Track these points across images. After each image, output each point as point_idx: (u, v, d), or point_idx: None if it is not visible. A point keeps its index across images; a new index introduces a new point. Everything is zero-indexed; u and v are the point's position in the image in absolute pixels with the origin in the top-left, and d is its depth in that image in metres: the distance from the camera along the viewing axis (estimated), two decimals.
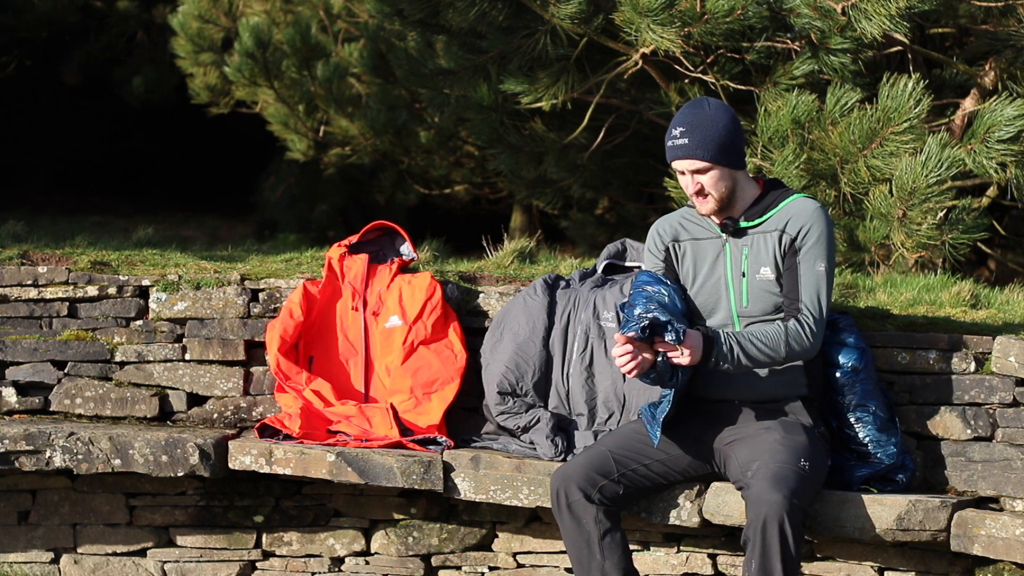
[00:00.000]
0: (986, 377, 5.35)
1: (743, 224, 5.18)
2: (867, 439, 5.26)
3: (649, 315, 5.02)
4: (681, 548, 5.60)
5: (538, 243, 7.48)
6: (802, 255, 5.11)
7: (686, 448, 5.22)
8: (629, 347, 4.98)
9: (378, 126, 10.35)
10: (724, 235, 5.20)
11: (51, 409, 6.01)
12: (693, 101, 5.20)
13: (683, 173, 5.15)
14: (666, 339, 4.98)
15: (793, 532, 4.85)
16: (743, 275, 5.18)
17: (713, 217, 5.21)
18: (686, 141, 5.09)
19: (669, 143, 5.14)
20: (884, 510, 5.14)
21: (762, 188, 5.23)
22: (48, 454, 5.66)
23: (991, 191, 7.61)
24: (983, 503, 5.33)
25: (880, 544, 5.32)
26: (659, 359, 5.02)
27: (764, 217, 5.18)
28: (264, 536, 5.86)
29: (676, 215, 5.34)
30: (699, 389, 5.24)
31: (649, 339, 5.00)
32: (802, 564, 5.30)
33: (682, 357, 4.99)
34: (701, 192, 5.14)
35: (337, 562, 5.84)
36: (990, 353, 5.36)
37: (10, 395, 6.01)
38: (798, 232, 5.12)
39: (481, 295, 5.94)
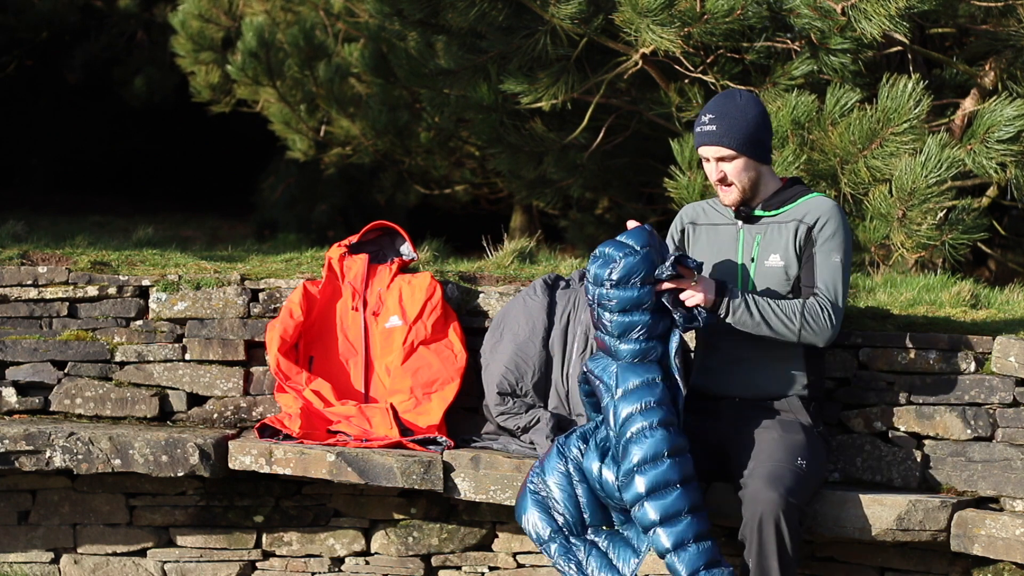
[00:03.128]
0: (986, 377, 5.35)
1: (757, 212, 5.20)
2: None
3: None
4: None
5: (538, 243, 7.48)
6: (818, 247, 5.12)
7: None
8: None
9: (379, 126, 10.35)
10: (739, 221, 5.22)
11: (51, 409, 6.01)
12: (726, 91, 5.26)
13: (708, 160, 5.19)
14: (673, 269, 5.03)
15: (790, 531, 4.84)
16: (752, 260, 5.19)
17: None
18: (714, 128, 5.13)
19: (698, 129, 5.19)
20: (884, 510, 5.14)
21: (784, 184, 5.25)
22: (48, 454, 5.66)
23: (991, 191, 7.61)
24: (983, 503, 5.33)
25: (880, 544, 5.32)
26: (666, 299, 5.03)
27: (781, 209, 5.19)
28: (264, 536, 5.87)
29: (703, 202, 5.40)
30: (700, 385, 5.24)
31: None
32: (802, 564, 5.30)
33: (694, 297, 5.01)
34: (725, 180, 5.16)
35: (337, 562, 5.84)
36: (990, 353, 5.36)
37: (10, 395, 6.01)
38: (815, 222, 5.13)
39: (481, 295, 5.94)
